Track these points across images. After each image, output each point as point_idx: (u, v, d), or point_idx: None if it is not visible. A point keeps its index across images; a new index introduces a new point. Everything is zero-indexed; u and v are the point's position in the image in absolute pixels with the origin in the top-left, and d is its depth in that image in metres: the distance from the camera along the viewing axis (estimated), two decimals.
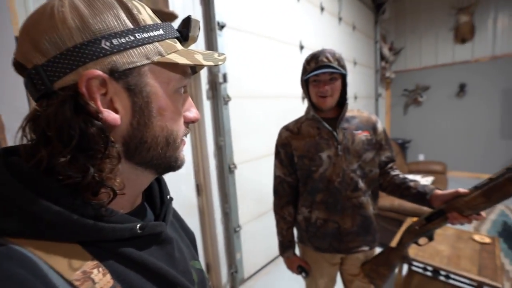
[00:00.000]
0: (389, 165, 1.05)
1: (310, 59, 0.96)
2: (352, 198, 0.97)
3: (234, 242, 1.84)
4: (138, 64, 0.29)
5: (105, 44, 0.28)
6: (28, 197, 0.25)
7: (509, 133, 3.74)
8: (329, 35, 2.87)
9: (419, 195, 0.94)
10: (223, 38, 1.69)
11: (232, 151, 1.82)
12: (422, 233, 0.91)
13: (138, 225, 0.31)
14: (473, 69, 3.91)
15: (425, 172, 3.26)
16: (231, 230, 1.83)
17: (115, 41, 0.28)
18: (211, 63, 0.33)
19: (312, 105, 1.02)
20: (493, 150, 3.89)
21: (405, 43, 4.50)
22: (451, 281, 1.56)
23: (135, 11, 0.30)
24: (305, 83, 1.00)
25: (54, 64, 0.27)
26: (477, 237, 1.56)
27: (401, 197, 1.00)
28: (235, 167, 1.83)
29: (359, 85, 3.64)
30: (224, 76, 1.69)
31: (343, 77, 0.97)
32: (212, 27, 1.64)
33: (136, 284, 0.30)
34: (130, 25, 0.29)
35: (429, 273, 1.48)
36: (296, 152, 1.03)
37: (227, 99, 1.73)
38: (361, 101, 3.76)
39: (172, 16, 1.34)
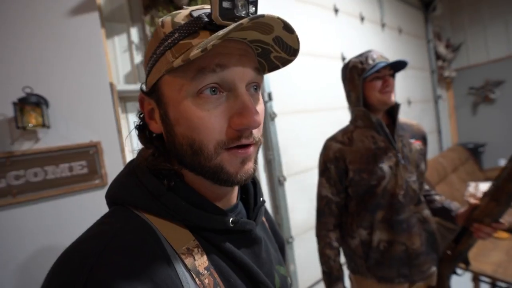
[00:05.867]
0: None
1: (364, 59, 0.90)
2: (417, 212, 0.89)
3: (287, 253, 1.88)
4: (156, 79, 0.33)
5: (146, 70, 0.35)
6: (152, 183, 0.33)
7: None
8: (372, 43, 2.82)
9: (445, 211, 0.92)
10: None
11: (281, 164, 1.91)
12: (456, 257, 0.86)
13: (231, 219, 0.34)
14: None
15: None
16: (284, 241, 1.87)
17: (149, 65, 0.34)
18: (196, 53, 0.26)
19: (368, 109, 0.93)
20: None
21: (465, 37, 4.06)
22: None
23: (159, 28, 0.32)
24: (361, 85, 0.91)
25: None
26: None
27: None
28: (285, 179, 1.91)
29: (412, 90, 3.41)
30: (269, 95, 1.83)
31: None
32: None
33: (225, 271, 0.32)
34: (155, 44, 0.32)
35: None
36: (352, 166, 0.90)
37: (273, 116, 1.85)
38: (417, 106, 3.48)
39: None
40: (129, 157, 1.38)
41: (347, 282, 1.01)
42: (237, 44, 0.30)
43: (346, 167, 0.91)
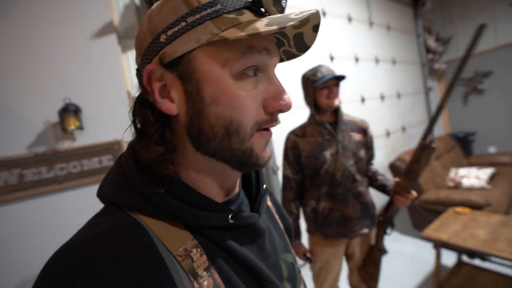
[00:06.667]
0: (370, 161, 1.29)
1: (315, 72, 1.17)
2: (352, 188, 1.17)
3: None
4: (186, 50, 0.28)
5: (162, 38, 0.29)
6: (142, 182, 0.29)
7: None
8: (360, 41, 3.03)
9: (383, 187, 1.19)
10: None
11: (275, 155, 2.17)
12: (386, 222, 1.13)
13: (230, 215, 0.32)
14: None
15: (491, 165, 3.00)
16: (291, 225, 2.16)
17: (169, 32, 0.28)
18: (273, 28, 0.26)
19: (316, 111, 1.23)
20: None
21: (455, 30, 4.21)
22: (487, 264, 1.56)
23: None
24: (312, 92, 1.18)
25: (141, 66, 0.31)
26: None
27: (371, 186, 1.26)
28: (278, 168, 2.17)
29: (402, 83, 3.61)
30: None
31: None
32: None
33: (226, 271, 0.31)
34: (185, 11, 0.28)
35: (465, 258, 1.52)
36: (303, 153, 1.19)
37: None
38: (407, 98, 3.69)
39: None
40: None
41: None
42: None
43: (300, 154, 1.21)
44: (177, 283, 0.27)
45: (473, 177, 2.50)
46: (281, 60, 0.37)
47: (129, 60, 1.65)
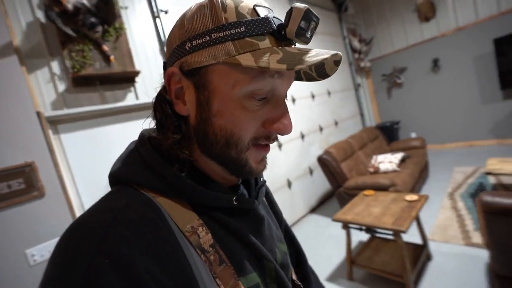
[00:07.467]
0: None
1: None
2: None
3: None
4: (205, 64, 0.30)
5: (187, 46, 0.31)
6: (160, 164, 0.32)
7: (489, 97, 3.84)
8: None
9: None
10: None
11: None
12: None
13: (234, 197, 0.35)
14: (442, 44, 4.07)
15: (406, 149, 3.48)
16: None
17: (194, 42, 0.31)
18: (282, 66, 0.28)
19: None
20: (478, 116, 3.98)
21: (375, 32, 4.75)
22: (378, 235, 1.87)
23: (219, 10, 0.30)
24: None
25: (167, 63, 0.35)
26: (408, 197, 1.86)
27: None
28: None
29: (331, 82, 3.97)
30: None
31: None
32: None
33: (230, 248, 0.33)
34: (211, 25, 0.30)
35: (363, 232, 1.80)
36: None
37: None
38: (338, 95, 4.08)
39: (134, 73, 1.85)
40: (65, 171, 1.66)
41: None
42: None
43: None
44: (187, 255, 0.29)
45: (387, 162, 2.90)
46: (300, 79, 0.39)
47: (38, 79, 1.62)
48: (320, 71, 0.36)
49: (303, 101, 3.37)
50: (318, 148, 3.43)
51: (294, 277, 0.47)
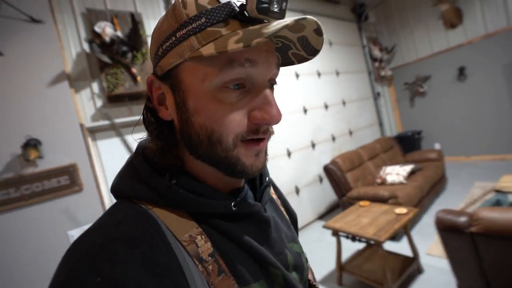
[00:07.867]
0: None
1: None
2: None
3: None
4: (173, 64, 0.31)
5: (160, 51, 0.32)
6: (150, 175, 0.33)
7: None
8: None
9: None
10: None
11: None
12: None
13: (233, 203, 0.34)
14: (469, 51, 3.88)
15: (421, 161, 3.41)
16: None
17: (164, 46, 0.31)
18: (239, 45, 0.26)
19: None
20: (508, 127, 3.72)
21: (398, 39, 4.66)
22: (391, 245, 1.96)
23: (180, 7, 0.30)
24: None
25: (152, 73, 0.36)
26: (397, 210, 1.93)
27: None
28: None
29: (347, 91, 4.03)
30: None
31: None
32: None
33: (231, 257, 0.32)
34: (175, 26, 0.30)
35: (349, 239, 1.92)
36: None
37: None
38: (355, 104, 4.11)
39: None
40: (99, 171, 2.06)
41: None
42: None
43: None
44: (183, 266, 0.28)
45: (395, 174, 2.91)
46: (292, 63, 0.38)
47: (82, 98, 2.05)
48: (307, 47, 0.34)
49: (316, 111, 3.51)
50: (329, 157, 3.54)
51: (310, 277, 0.45)
